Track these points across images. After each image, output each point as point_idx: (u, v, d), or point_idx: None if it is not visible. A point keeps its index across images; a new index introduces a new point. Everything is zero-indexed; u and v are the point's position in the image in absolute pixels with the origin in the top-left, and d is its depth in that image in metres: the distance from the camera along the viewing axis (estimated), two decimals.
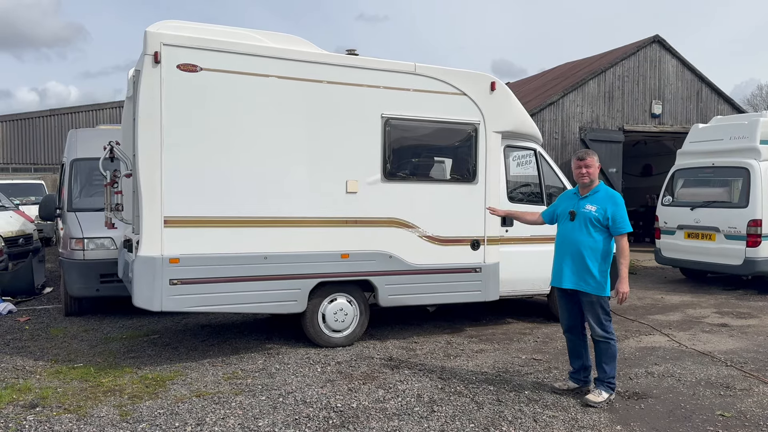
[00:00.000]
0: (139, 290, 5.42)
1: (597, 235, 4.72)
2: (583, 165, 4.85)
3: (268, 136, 5.87)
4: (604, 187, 4.87)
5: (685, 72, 15.45)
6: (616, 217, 4.68)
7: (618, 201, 4.74)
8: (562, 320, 5.08)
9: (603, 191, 4.83)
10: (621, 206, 4.72)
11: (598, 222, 4.71)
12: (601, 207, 4.72)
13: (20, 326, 7.36)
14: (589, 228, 4.73)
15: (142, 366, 5.72)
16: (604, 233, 4.73)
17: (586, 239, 4.73)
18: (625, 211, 4.74)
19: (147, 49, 5.38)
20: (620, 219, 4.69)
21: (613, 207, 4.69)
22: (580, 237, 4.76)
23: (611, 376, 4.79)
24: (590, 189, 4.85)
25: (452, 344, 6.59)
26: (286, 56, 5.93)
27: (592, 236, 4.72)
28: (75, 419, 4.38)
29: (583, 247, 4.73)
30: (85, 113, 24.73)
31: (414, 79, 6.49)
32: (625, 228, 4.70)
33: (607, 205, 4.71)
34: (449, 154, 6.90)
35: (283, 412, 4.53)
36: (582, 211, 4.79)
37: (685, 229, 10.66)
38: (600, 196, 4.79)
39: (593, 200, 4.79)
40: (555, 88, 15.56)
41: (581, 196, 4.89)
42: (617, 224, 4.68)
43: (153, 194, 5.40)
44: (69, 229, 7.91)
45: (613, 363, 4.79)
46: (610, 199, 4.75)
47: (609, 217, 4.68)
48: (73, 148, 9.00)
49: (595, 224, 4.72)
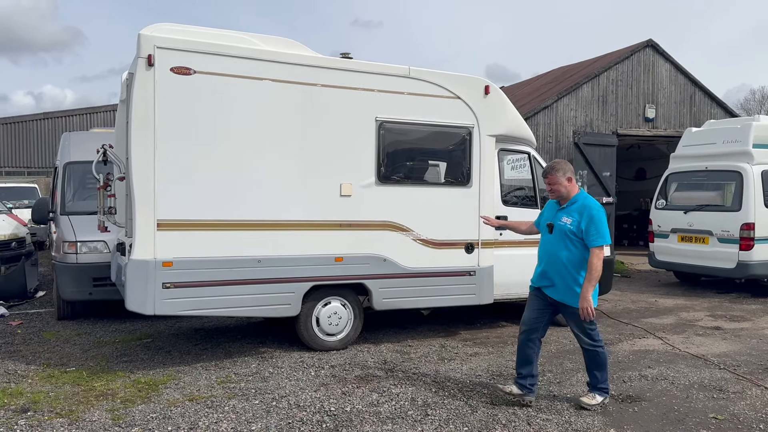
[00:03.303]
0: (131, 294, 5.39)
1: (575, 248, 4.58)
2: (547, 183, 4.74)
3: (261, 139, 5.86)
4: (582, 198, 4.69)
5: (679, 76, 15.53)
6: (589, 229, 4.50)
7: (593, 213, 4.54)
8: (527, 321, 4.79)
9: (580, 201, 4.65)
10: (596, 218, 4.52)
11: (574, 234, 4.57)
12: (575, 219, 4.58)
13: (12, 330, 7.32)
14: (566, 241, 4.60)
15: (135, 370, 5.69)
16: (582, 245, 4.57)
17: (565, 252, 4.60)
18: (601, 223, 4.52)
19: (140, 52, 5.37)
20: (593, 232, 4.49)
21: (588, 218, 4.52)
22: (559, 251, 4.63)
23: (603, 381, 4.74)
24: (568, 200, 4.70)
25: (446, 348, 6.58)
26: (280, 59, 5.93)
27: (570, 249, 4.58)
28: (67, 423, 4.36)
29: (563, 261, 4.60)
30: (79, 116, 24.64)
31: (408, 83, 6.50)
32: (598, 241, 4.48)
33: (582, 217, 4.55)
34: (443, 158, 6.91)
35: (277, 417, 4.52)
36: (558, 224, 4.67)
37: (679, 233, 10.69)
38: (575, 208, 4.64)
39: (569, 212, 4.65)
40: (549, 92, 15.62)
41: (559, 208, 4.77)
42: (590, 236, 4.50)
43: (146, 197, 5.38)
44: (62, 233, 7.87)
45: (604, 369, 4.72)
46: (586, 210, 4.57)
47: (583, 230, 4.53)
48: (66, 151, 8.96)
49: (571, 237, 4.58)
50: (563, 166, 4.73)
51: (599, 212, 4.56)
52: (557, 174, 4.67)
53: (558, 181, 4.67)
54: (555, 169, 4.69)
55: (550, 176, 4.70)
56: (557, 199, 4.77)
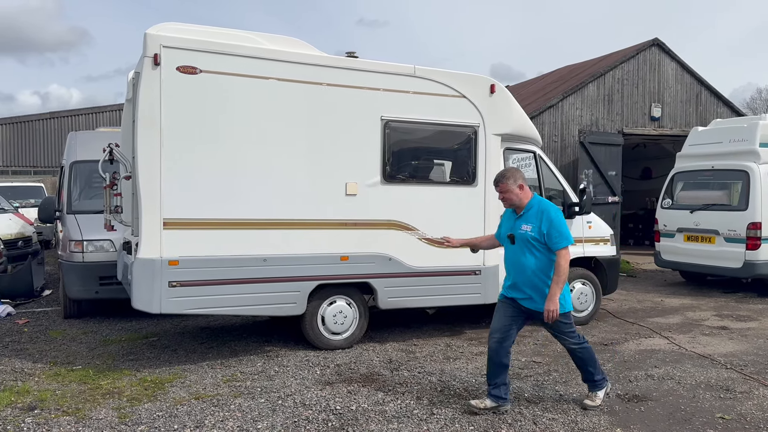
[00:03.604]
0: (138, 292, 5.41)
1: (540, 255, 4.45)
2: (498, 191, 4.62)
3: (267, 138, 5.86)
4: (538, 202, 4.58)
5: (685, 75, 15.46)
6: (551, 232, 4.39)
7: (551, 215, 4.44)
8: (499, 328, 4.59)
9: (536, 206, 4.53)
10: (556, 220, 4.43)
11: (536, 241, 4.44)
12: (535, 225, 4.45)
13: (19, 329, 7.35)
14: (530, 248, 4.47)
15: (141, 368, 5.71)
16: (546, 249, 4.45)
17: (531, 261, 4.46)
18: (560, 223, 4.43)
19: (147, 51, 5.38)
20: (555, 234, 4.39)
21: (547, 222, 4.41)
22: (524, 260, 4.49)
23: (598, 373, 4.71)
24: (523, 207, 4.57)
25: (452, 347, 6.58)
26: (286, 58, 5.94)
27: (536, 255, 4.45)
28: (73, 422, 4.37)
29: (532, 269, 4.46)
30: (85, 116, 24.72)
31: (413, 82, 6.50)
32: (561, 243, 4.39)
33: (541, 222, 4.43)
34: (449, 157, 6.91)
35: (282, 415, 4.52)
36: (519, 233, 4.53)
37: (685, 232, 10.65)
38: (533, 213, 4.51)
39: (527, 219, 4.52)
40: (554, 91, 15.58)
41: (517, 216, 4.62)
42: (553, 240, 4.39)
43: (152, 196, 5.40)
44: (68, 232, 7.90)
45: (594, 363, 4.67)
46: (544, 214, 4.45)
47: (544, 233, 4.41)
48: (72, 151, 8.99)
49: (533, 243, 4.45)
50: (514, 173, 4.61)
51: (557, 213, 4.48)
52: (508, 182, 4.54)
53: (509, 188, 4.54)
54: (505, 177, 4.57)
55: (501, 184, 4.56)
56: (511, 207, 4.65)
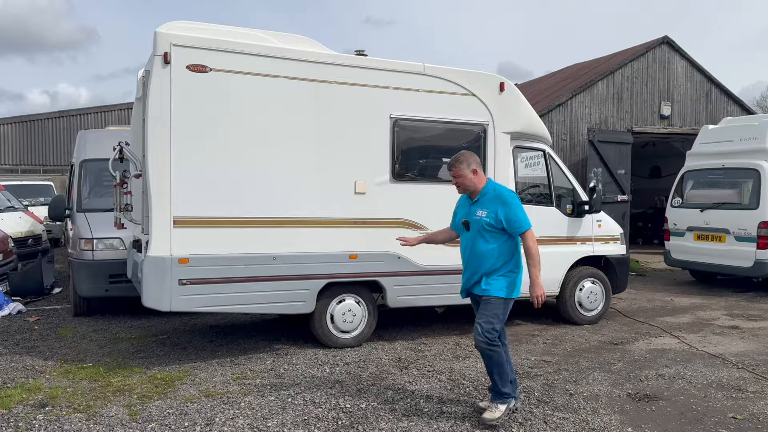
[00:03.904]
0: (148, 290, 5.43)
1: (495, 241, 4.29)
2: (453, 176, 4.43)
3: (276, 136, 5.87)
4: (492, 187, 4.40)
5: (695, 73, 15.36)
6: (509, 217, 4.23)
7: (507, 199, 4.27)
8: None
9: (491, 192, 4.36)
10: (512, 204, 4.26)
11: (492, 227, 4.27)
12: (491, 210, 4.27)
13: (29, 326, 7.39)
14: (485, 235, 4.29)
15: (151, 366, 5.72)
16: (503, 236, 4.29)
17: (487, 247, 4.29)
18: (518, 207, 4.27)
19: (157, 49, 5.39)
20: (514, 218, 4.23)
21: (504, 207, 4.24)
22: (479, 246, 4.32)
23: (503, 386, 4.33)
24: (477, 193, 4.39)
25: (461, 345, 6.56)
26: (296, 57, 5.94)
27: (490, 242, 4.28)
28: (84, 419, 4.39)
29: (486, 257, 4.29)
30: (94, 115, 24.83)
31: (423, 80, 6.49)
32: (523, 226, 4.24)
33: (497, 207, 4.25)
34: None
35: (293, 413, 4.52)
36: (474, 219, 4.35)
37: (695, 231, 10.58)
38: (488, 198, 4.33)
39: (482, 204, 4.34)
40: (563, 89, 15.51)
41: (472, 202, 4.44)
42: (513, 224, 4.23)
43: (162, 194, 5.41)
44: (78, 230, 7.94)
45: (501, 371, 4.31)
46: (499, 199, 4.29)
47: (501, 219, 4.23)
48: (82, 149, 9.03)
49: (489, 229, 4.28)
50: (467, 157, 4.39)
51: (513, 198, 4.32)
52: (461, 166, 4.35)
53: (462, 173, 4.35)
54: (459, 161, 4.37)
55: (454, 169, 4.37)
56: (465, 193, 4.48)
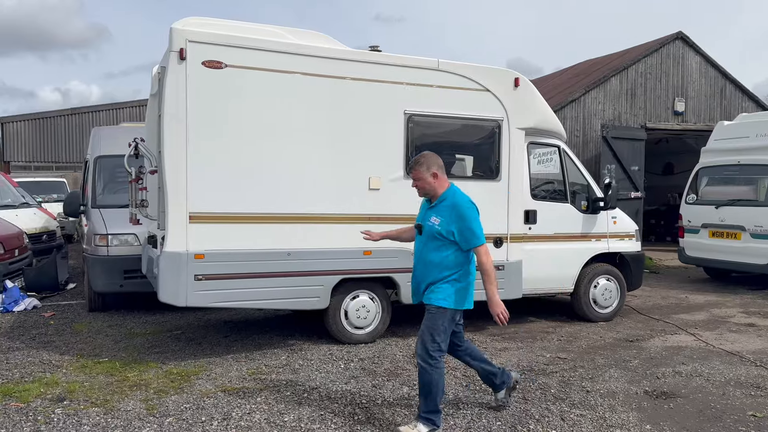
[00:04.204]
0: (164, 285, 5.45)
1: (446, 251, 4.02)
2: (412, 178, 4.23)
3: (291, 132, 5.86)
4: (452, 193, 4.11)
5: (709, 69, 15.20)
6: (462, 231, 3.96)
7: (463, 211, 3.98)
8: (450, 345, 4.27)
9: (449, 199, 4.07)
10: (466, 217, 3.97)
11: (441, 236, 4.01)
12: (445, 219, 4.01)
13: (45, 321, 7.44)
14: (435, 243, 4.05)
15: (167, 361, 5.75)
16: (453, 247, 4.03)
17: (435, 256, 4.03)
18: (473, 220, 3.98)
19: (172, 45, 5.40)
20: (467, 233, 3.95)
21: (458, 220, 3.97)
22: (428, 253, 4.08)
23: (429, 409, 4.01)
24: (437, 197, 4.14)
25: (475, 342, 6.52)
26: (311, 53, 5.93)
27: (440, 251, 4.02)
28: (102, 413, 4.42)
29: (432, 266, 4.06)
30: (105, 112, 24.98)
31: (437, 76, 6.46)
32: (474, 241, 3.96)
33: (451, 218, 3.99)
34: (472, 151, 6.86)
35: (309, 408, 4.53)
36: (427, 224, 4.10)
37: (710, 228, 10.49)
38: (445, 206, 4.06)
39: (438, 211, 4.08)
40: (576, 85, 15.41)
41: (430, 206, 4.20)
42: (465, 239, 3.97)
43: (178, 190, 5.42)
44: (93, 226, 7.98)
45: (432, 394, 3.98)
46: (454, 210, 4.00)
47: (453, 231, 3.98)
48: (96, 146, 9.08)
49: (439, 238, 4.03)
50: (428, 159, 4.15)
51: (470, 210, 4.03)
52: (420, 168, 4.12)
53: (421, 176, 4.13)
54: (419, 163, 4.14)
55: (414, 171, 4.17)
56: (425, 196, 4.25)
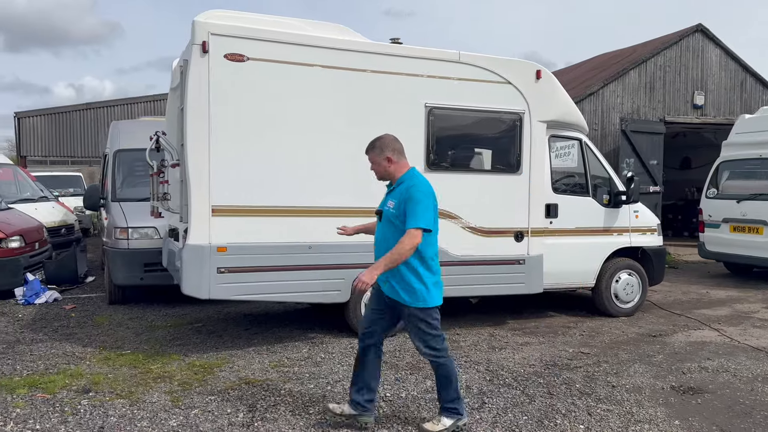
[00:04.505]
0: (187, 278, 5.46)
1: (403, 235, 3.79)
2: (369, 161, 4.06)
3: (312, 125, 5.84)
4: (410, 176, 3.94)
5: (729, 62, 15.00)
6: (406, 209, 3.76)
7: (413, 193, 3.78)
8: (363, 321, 4.12)
9: (406, 182, 3.90)
10: (416, 199, 3.75)
11: (397, 219, 3.83)
12: (399, 201, 3.84)
13: (66, 314, 7.50)
14: (392, 228, 3.86)
15: (189, 353, 5.77)
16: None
17: (391, 242, 3.79)
18: (420, 204, 3.74)
19: (195, 38, 5.39)
20: (410, 212, 3.74)
21: (407, 200, 3.78)
22: (388, 240, 3.87)
23: (450, 399, 3.95)
24: (395, 182, 3.98)
25: (495, 336, 6.51)
26: (331, 45, 5.90)
27: (397, 238, 3.77)
28: (128, 404, 4.44)
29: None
30: (120, 107, 25.06)
31: (458, 68, 6.40)
32: (414, 222, 3.71)
33: (404, 199, 3.80)
34: (493, 144, 6.79)
35: (333, 401, 4.51)
36: (385, 210, 3.96)
37: (731, 223, 10.36)
38: (400, 189, 3.89)
39: (394, 194, 3.93)
40: (594, 78, 15.26)
41: (388, 191, 4.05)
42: (407, 217, 3.75)
43: (201, 183, 5.42)
44: (113, 219, 8.02)
45: (450, 385, 3.92)
46: (407, 191, 3.81)
47: (402, 212, 3.81)
48: (116, 140, 9.12)
49: (395, 222, 3.84)
50: (383, 142, 3.98)
51: (420, 192, 3.79)
52: (373, 152, 3.99)
53: (374, 159, 3.99)
54: (372, 147, 4.01)
55: (369, 155, 4.03)
56: (382, 180, 4.08)
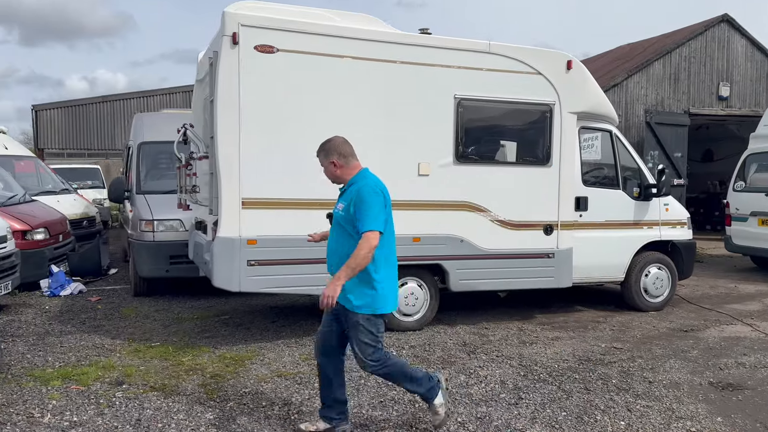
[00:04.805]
0: (218, 271, 5.44)
1: (352, 239, 3.61)
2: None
3: (342, 117, 5.77)
4: (361, 177, 3.75)
5: (755, 52, 14.72)
6: (357, 213, 3.57)
7: (362, 194, 3.59)
8: (318, 333, 3.92)
9: (357, 183, 3.71)
10: (366, 199, 3.57)
11: (347, 222, 3.66)
12: (348, 204, 3.66)
13: (93, 306, 7.52)
14: (342, 232, 3.71)
15: (219, 345, 5.76)
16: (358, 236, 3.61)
17: (343, 245, 3.67)
18: (369, 205, 3.56)
19: (225, 30, 5.35)
20: (362, 215, 3.55)
21: (357, 201, 3.59)
22: (338, 244, 3.72)
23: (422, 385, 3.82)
24: (345, 184, 3.80)
25: (525, 331, 6.43)
26: (361, 36, 5.84)
27: (349, 241, 3.62)
28: (162, 397, 4.43)
29: (341, 256, 3.63)
30: (136, 99, 25.13)
31: (487, 59, 6.31)
32: (366, 225, 3.52)
33: (354, 201, 3.61)
34: (522, 136, 6.70)
35: (368, 395, 4.49)
36: (335, 213, 3.80)
37: (759, 216, 10.17)
38: (350, 191, 3.69)
39: (344, 197, 3.75)
40: (618, 69, 15.05)
41: (340, 193, 3.86)
42: (358, 221, 3.56)
43: (231, 176, 5.40)
44: (138, 211, 8.03)
45: (408, 377, 3.79)
46: (357, 193, 3.62)
47: (352, 214, 3.61)
48: (139, 132, 9.13)
49: (345, 226, 3.68)
50: (329, 147, 3.79)
51: (371, 194, 3.60)
52: (319, 156, 3.84)
53: (323, 163, 3.83)
54: (319, 151, 3.85)
55: (318, 157, 3.87)
56: (334, 183, 3.89)
